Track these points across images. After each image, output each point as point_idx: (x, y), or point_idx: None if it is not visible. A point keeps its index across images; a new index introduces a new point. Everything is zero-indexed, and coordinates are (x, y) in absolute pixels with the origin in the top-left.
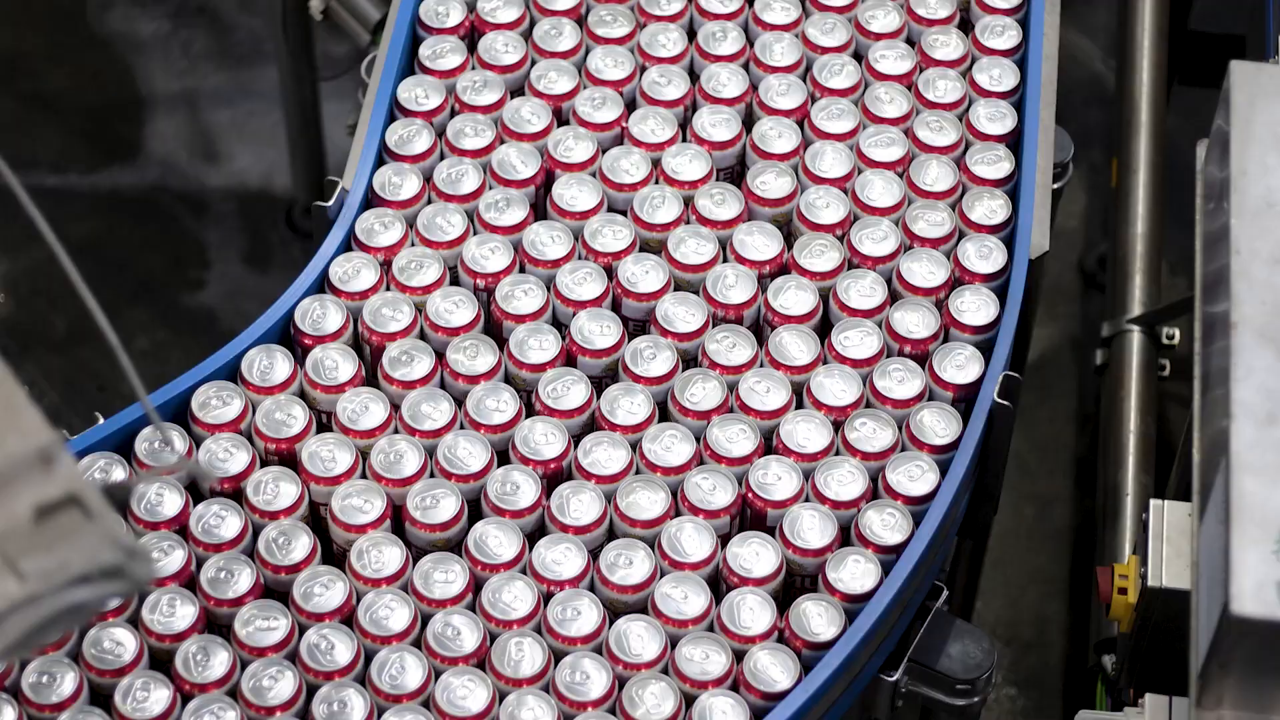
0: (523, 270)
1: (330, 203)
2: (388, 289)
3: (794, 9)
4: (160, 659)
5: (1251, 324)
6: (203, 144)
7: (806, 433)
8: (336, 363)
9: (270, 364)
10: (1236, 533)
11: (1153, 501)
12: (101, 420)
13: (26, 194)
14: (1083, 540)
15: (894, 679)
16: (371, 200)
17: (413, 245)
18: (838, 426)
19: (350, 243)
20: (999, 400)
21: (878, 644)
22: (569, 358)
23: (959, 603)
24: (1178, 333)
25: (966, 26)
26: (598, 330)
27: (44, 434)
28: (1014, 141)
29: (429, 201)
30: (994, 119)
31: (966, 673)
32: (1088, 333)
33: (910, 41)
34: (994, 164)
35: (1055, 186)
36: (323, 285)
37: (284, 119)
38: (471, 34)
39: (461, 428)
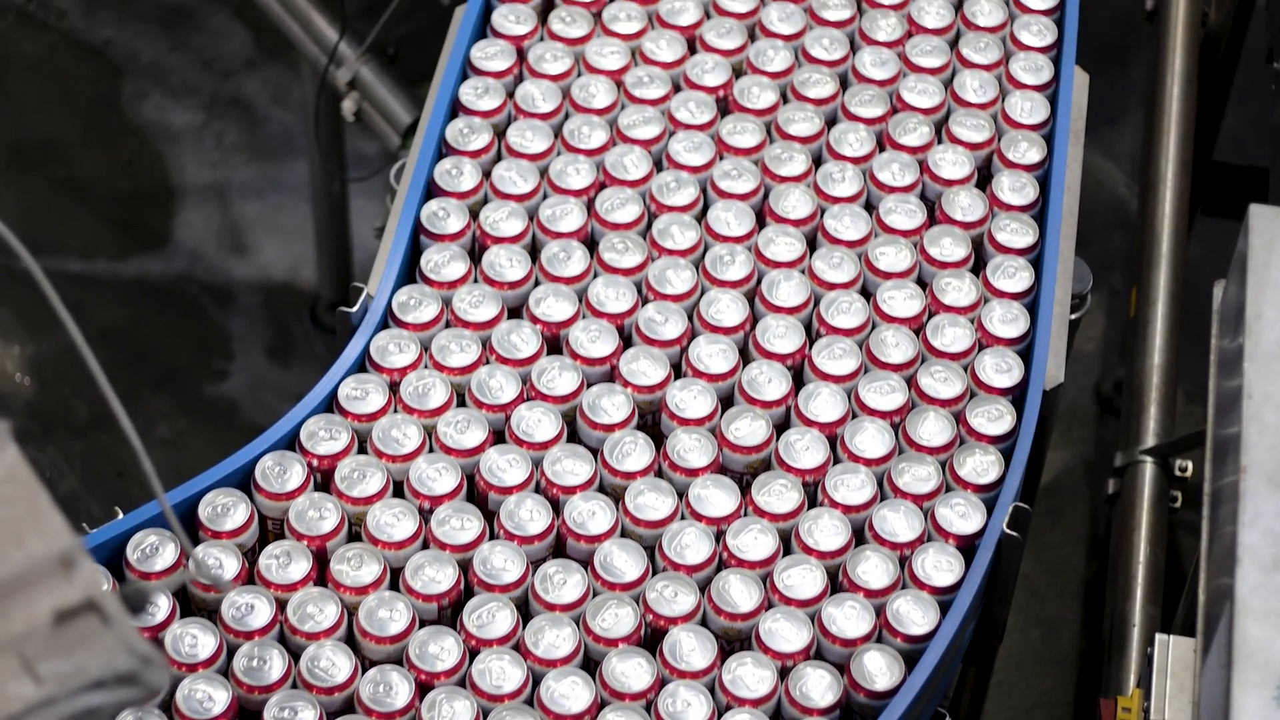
0: (471, 498)
1: (354, 309)
2: (317, 490)
3: (799, 244)
4: None
5: (1261, 469)
6: (231, 235)
7: (758, 678)
8: (219, 560)
9: (157, 547)
10: (1238, 676)
11: (1158, 636)
12: (121, 515)
13: (48, 279)
14: (1089, 665)
15: None
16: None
17: (359, 454)
18: (784, 673)
19: (388, 322)
20: (1007, 531)
21: None
22: (468, 589)
23: None
24: (1190, 465)
25: (979, 266)
26: (501, 563)
27: (66, 538)
28: (1033, 258)
29: (394, 411)
30: (1001, 370)
31: None
32: (1102, 457)
33: (921, 283)
34: (995, 420)
35: (1073, 318)
36: (247, 483)
37: (312, 214)
38: (473, 243)
39: (350, 634)
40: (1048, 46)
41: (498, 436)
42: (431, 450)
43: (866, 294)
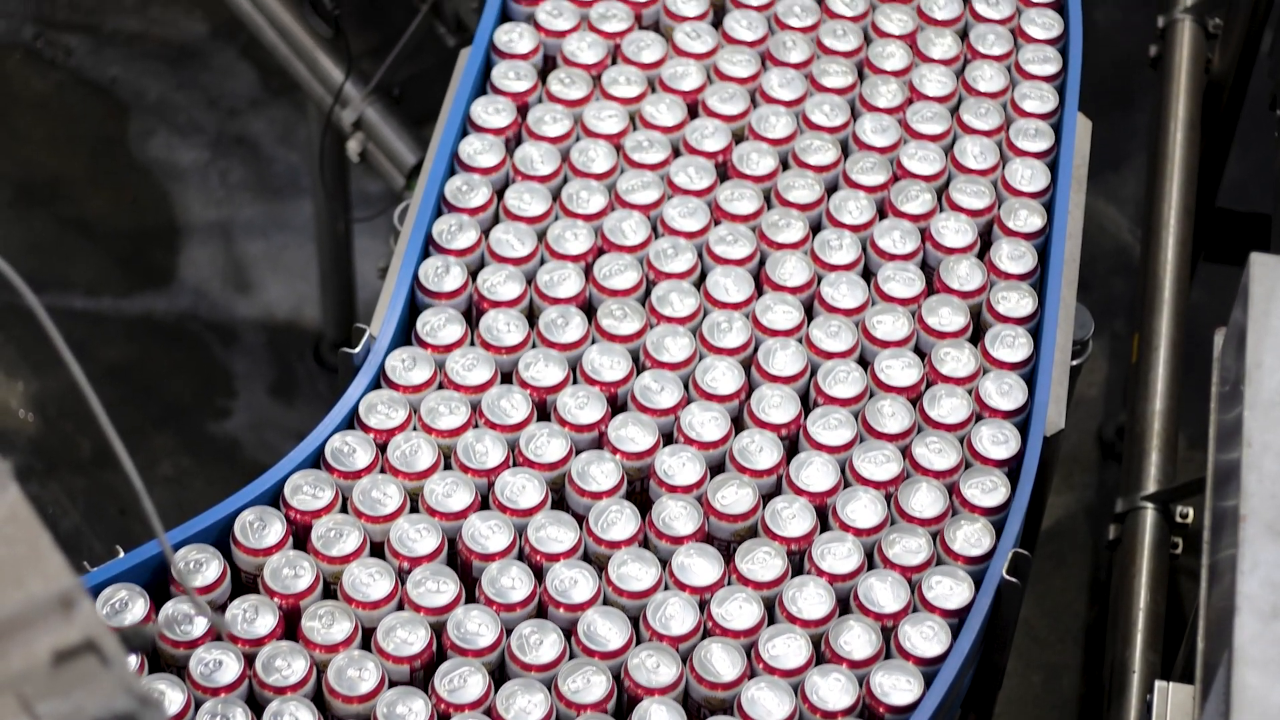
0: (453, 561)
1: (357, 350)
2: (296, 546)
3: (796, 313)
4: None
5: (1260, 517)
6: (235, 274)
7: None
8: (190, 617)
9: (126, 601)
10: None
11: (1158, 683)
12: (122, 554)
13: (54, 316)
14: (1090, 711)
15: None
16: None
17: (341, 512)
18: None
19: (379, 382)
20: (1007, 577)
21: None
22: (440, 653)
23: None
24: (1191, 511)
25: (978, 335)
26: (475, 628)
27: (66, 579)
28: (1033, 326)
29: (380, 471)
30: (998, 442)
31: None
32: (1104, 502)
33: (919, 352)
34: (989, 491)
35: (1074, 364)
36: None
37: (316, 254)
38: (469, 305)
39: (318, 692)
40: (1049, 113)
41: (483, 501)
42: (415, 511)
43: (864, 362)
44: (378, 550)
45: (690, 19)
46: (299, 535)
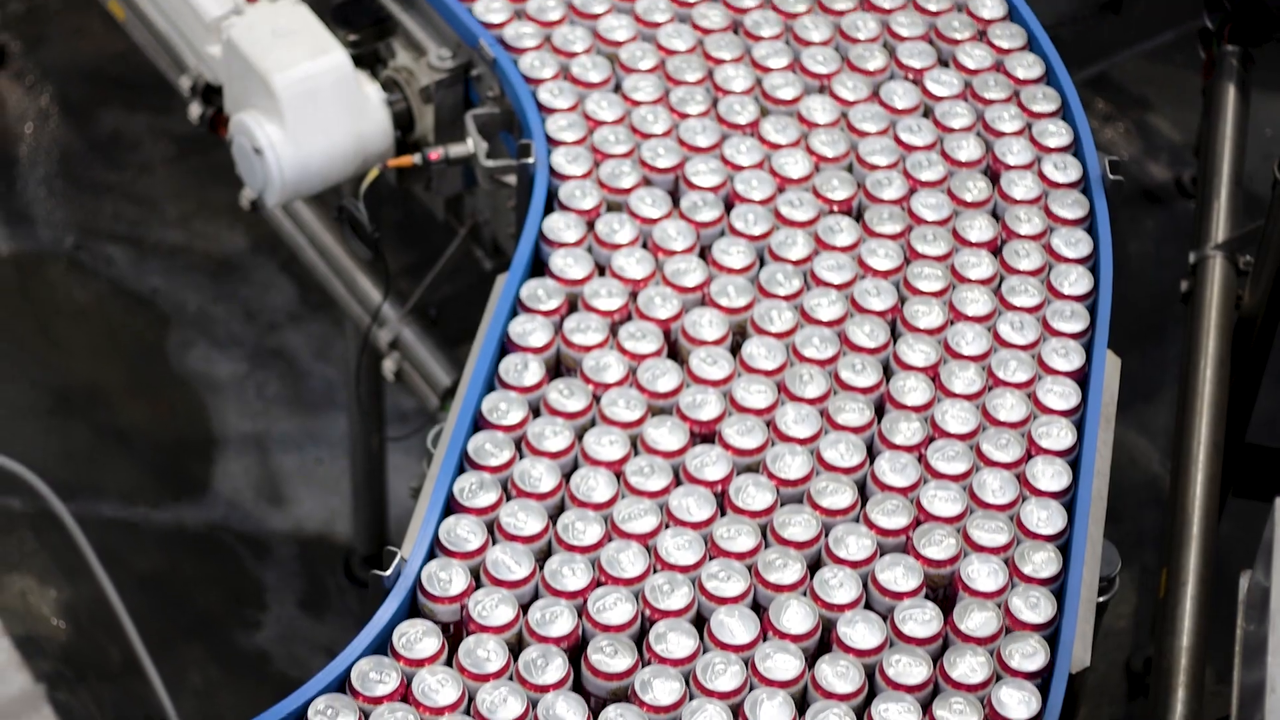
0: None
1: (387, 573)
2: None
3: (797, 661)
4: None
5: None
6: (269, 486)
7: None
8: None
9: None
10: None
11: None
12: None
13: (88, 525)
14: None
15: None
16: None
17: None
18: None
19: (410, 607)
20: None
21: None
22: None
23: None
24: None
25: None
26: None
27: None
28: (1062, 544)
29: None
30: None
31: None
32: None
33: (928, 700)
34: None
35: (1101, 600)
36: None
37: (350, 469)
38: (460, 618)
39: None
40: (1066, 450)
41: None
42: None
43: (864, 705)
44: None
45: (708, 343)
46: None
